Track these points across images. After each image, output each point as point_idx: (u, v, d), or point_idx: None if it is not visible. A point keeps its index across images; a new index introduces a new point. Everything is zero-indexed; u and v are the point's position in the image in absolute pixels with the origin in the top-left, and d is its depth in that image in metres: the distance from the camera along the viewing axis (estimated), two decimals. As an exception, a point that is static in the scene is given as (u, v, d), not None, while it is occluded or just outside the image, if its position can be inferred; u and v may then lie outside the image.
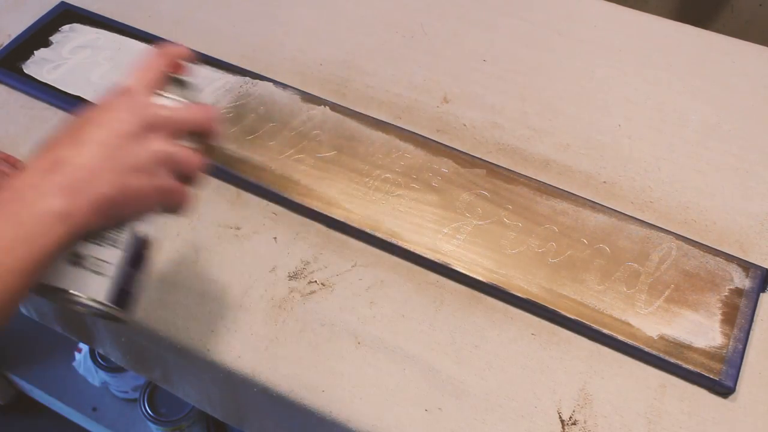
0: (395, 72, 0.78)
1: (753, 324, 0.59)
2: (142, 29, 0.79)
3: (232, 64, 0.76)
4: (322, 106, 0.72)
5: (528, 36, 0.82)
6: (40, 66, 0.75)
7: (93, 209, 0.39)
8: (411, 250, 0.62)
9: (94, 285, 0.42)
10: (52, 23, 0.79)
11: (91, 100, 0.72)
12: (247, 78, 0.74)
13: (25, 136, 0.71)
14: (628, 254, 0.62)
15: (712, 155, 0.71)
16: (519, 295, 0.59)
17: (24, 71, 0.75)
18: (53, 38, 0.78)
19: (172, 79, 0.45)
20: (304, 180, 0.66)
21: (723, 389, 0.56)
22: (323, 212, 0.64)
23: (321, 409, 0.55)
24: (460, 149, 0.69)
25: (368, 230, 0.63)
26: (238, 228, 0.65)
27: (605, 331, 0.58)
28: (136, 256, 0.45)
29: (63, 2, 0.82)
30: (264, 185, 0.66)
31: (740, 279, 0.60)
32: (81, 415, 1.13)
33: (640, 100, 0.76)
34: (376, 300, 0.61)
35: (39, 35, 0.78)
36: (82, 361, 1.10)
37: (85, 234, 0.40)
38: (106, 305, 0.43)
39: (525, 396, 0.56)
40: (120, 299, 0.44)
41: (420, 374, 0.57)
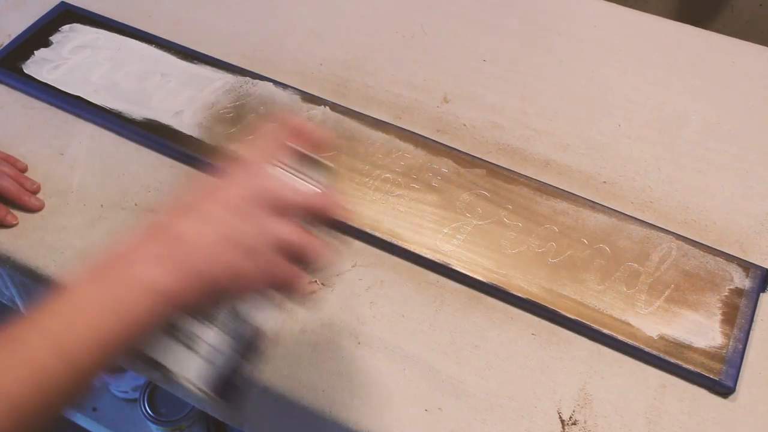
0: (395, 72, 0.78)
1: (753, 324, 0.59)
2: (142, 29, 0.79)
3: (232, 64, 0.76)
4: (322, 106, 0.72)
5: (528, 36, 0.82)
6: (40, 66, 0.75)
7: (193, 285, 0.38)
8: (411, 250, 0.62)
9: (197, 368, 0.41)
10: (52, 23, 0.79)
11: (93, 101, 0.72)
12: (247, 78, 0.74)
13: (25, 136, 0.71)
14: (628, 254, 0.62)
15: (712, 155, 0.71)
16: (519, 295, 0.59)
17: (24, 71, 0.75)
18: (53, 38, 0.78)
19: (298, 153, 0.42)
20: (304, 180, 0.66)
21: (723, 389, 0.56)
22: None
23: (321, 409, 0.55)
24: (460, 149, 0.69)
25: (368, 230, 0.63)
26: (238, 228, 0.65)
27: (605, 331, 0.58)
28: (247, 346, 0.43)
29: (63, 2, 0.82)
30: (264, 185, 0.66)
31: (740, 279, 0.60)
32: (81, 415, 1.13)
33: (640, 100, 0.76)
34: (376, 300, 0.60)
35: (39, 35, 0.78)
36: (82, 361, 1.10)
37: (190, 311, 0.39)
38: (202, 389, 0.41)
39: (525, 396, 0.56)
40: (220, 386, 0.42)
41: (420, 374, 0.57)
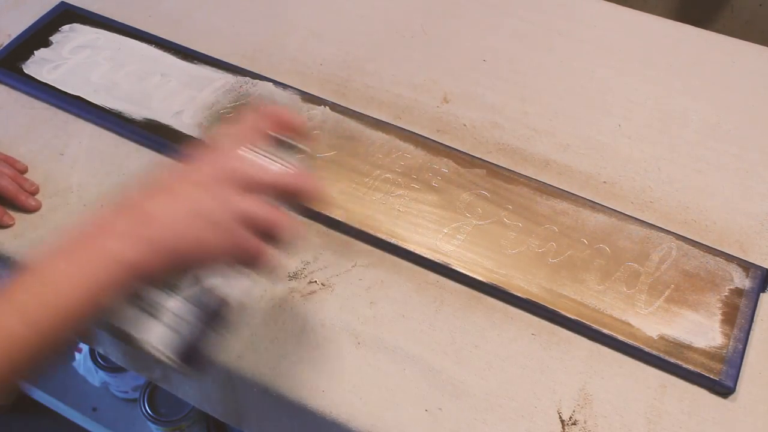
0: (395, 72, 0.78)
1: (753, 324, 0.59)
2: (142, 29, 0.79)
3: (232, 64, 0.76)
4: (322, 106, 0.72)
5: (528, 36, 0.82)
6: (40, 66, 0.75)
7: (158, 257, 0.40)
8: (411, 250, 0.62)
9: (163, 335, 0.43)
10: (52, 23, 0.79)
11: (93, 101, 0.72)
12: (247, 78, 0.74)
13: (25, 136, 0.71)
14: (628, 254, 0.62)
15: (712, 155, 0.71)
16: (519, 295, 0.59)
17: (24, 71, 0.75)
18: (53, 38, 0.78)
19: (275, 139, 0.44)
20: (304, 180, 0.66)
21: (723, 389, 0.56)
22: (323, 212, 0.64)
23: (321, 409, 0.55)
24: (460, 149, 0.69)
25: (368, 230, 0.63)
26: (238, 228, 0.65)
27: (605, 331, 0.58)
28: (213, 315, 0.45)
29: (63, 2, 0.82)
30: (264, 185, 0.66)
31: (740, 279, 0.60)
32: (81, 415, 1.13)
33: (640, 100, 0.76)
34: (376, 300, 0.60)
35: (39, 35, 0.78)
36: (82, 361, 1.10)
37: (156, 282, 0.41)
38: (169, 357, 0.43)
39: (525, 396, 0.56)
40: (186, 354, 0.43)
41: (420, 374, 0.57)
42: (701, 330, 0.58)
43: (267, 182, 0.43)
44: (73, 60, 0.76)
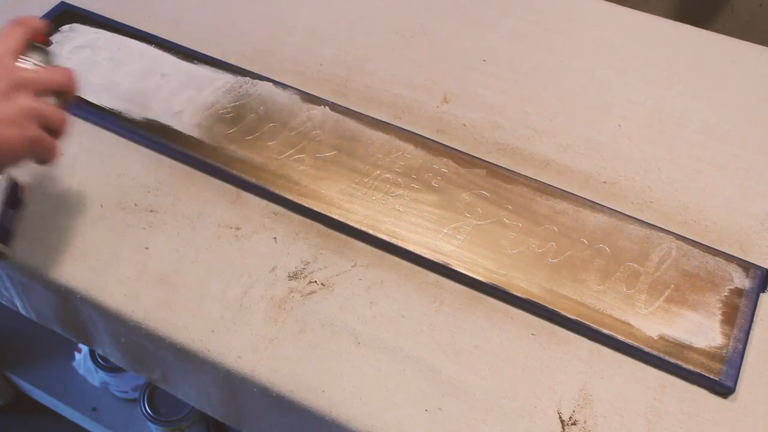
0: (395, 72, 0.78)
1: (753, 324, 0.59)
2: (142, 29, 0.79)
3: (232, 64, 0.76)
4: (322, 106, 0.72)
5: (528, 36, 0.82)
6: (40, 66, 0.75)
7: None
8: (411, 250, 0.62)
9: None
10: (52, 23, 0.79)
11: (93, 101, 0.72)
12: (247, 78, 0.74)
13: (25, 136, 0.71)
14: (628, 254, 0.62)
15: (712, 155, 0.71)
16: (519, 295, 0.59)
17: (24, 71, 0.75)
18: (53, 38, 0.78)
19: (33, 47, 0.54)
20: (304, 180, 0.66)
21: (723, 389, 0.56)
22: (323, 212, 0.64)
23: (321, 409, 0.55)
24: (460, 149, 0.69)
25: (368, 230, 0.63)
26: (238, 228, 0.65)
27: (605, 331, 0.58)
28: (13, 198, 0.57)
29: (63, 2, 0.82)
30: (264, 185, 0.66)
31: (740, 279, 0.60)
32: (81, 415, 1.13)
33: (640, 100, 0.76)
34: (376, 300, 0.61)
35: (39, 35, 0.78)
36: (82, 361, 1.10)
37: None
38: None
39: (525, 396, 0.56)
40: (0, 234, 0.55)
41: (420, 374, 0.57)
42: (701, 330, 0.58)
43: (45, 84, 0.52)
44: (73, 60, 0.76)
